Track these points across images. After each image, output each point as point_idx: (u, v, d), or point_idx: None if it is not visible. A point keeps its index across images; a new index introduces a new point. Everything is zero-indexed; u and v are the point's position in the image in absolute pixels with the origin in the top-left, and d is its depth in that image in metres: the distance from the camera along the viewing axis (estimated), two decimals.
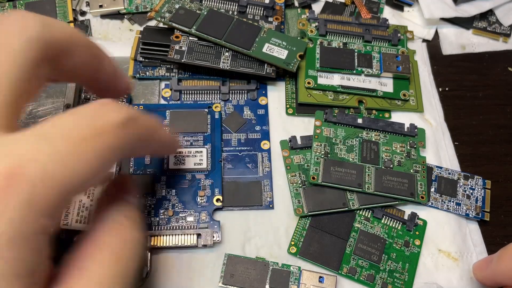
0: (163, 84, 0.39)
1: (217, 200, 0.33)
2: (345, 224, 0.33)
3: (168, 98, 0.37)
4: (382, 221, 0.33)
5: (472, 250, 0.34)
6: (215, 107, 0.37)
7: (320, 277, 0.31)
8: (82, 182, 0.19)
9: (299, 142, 0.36)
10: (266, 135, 0.36)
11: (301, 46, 0.38)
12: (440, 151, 0.37)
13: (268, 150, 0.36)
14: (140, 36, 0.39)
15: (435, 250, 0.33)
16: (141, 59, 0.38)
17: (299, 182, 0.34)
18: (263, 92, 0.38)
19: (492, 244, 0.34)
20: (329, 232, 0.33)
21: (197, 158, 0.35)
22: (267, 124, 0.37)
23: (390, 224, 0.33)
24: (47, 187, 0.17)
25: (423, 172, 0.34)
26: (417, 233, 0.33)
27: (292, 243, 0.32)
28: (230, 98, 0.38)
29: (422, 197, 0.33)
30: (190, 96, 0.38)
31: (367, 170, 0.34)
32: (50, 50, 0.21)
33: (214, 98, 0.38)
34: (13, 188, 0.16)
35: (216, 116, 0.36)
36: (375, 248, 0.32)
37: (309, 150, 0.35)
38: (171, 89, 0.38)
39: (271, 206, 0.34)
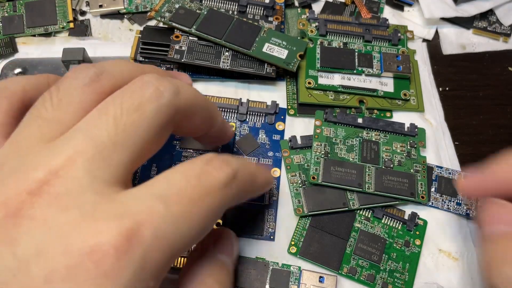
0: None
1: (217, 224, 0.32)
2: (345, 224, 0.33)
3: None
4: (383, 221, 0.33)
5: (473, 250, 0.33)
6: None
7: (320, 277, 0.31)
8: (190, 243, 0.19)
9: (299, 142, 0.36)
10: (278, 162, 0.35)
11: (301, 46, 0.38)
12: (440, 151, 0.37)
13: (278, 178, 0.35)
14: (140, 36, 0.39)
15: (436, 250, 0.33)
16: (141, 59, 0.38)
17: (299, 182, 0.34)
18: (282, 117, 0.37)
19: None
20: (329, 232, 0.33)
21: None
22: (281, 151, 0.36)
23: (391, 224, 0.33)
24: (159, 250, 0.18)
25: (424, 172, 0.34)
26: (417, 233, 0.33)
27: (292, 243, 0.32)
28: (247, 119, 0.37)
29: (423, 197, 0.33)
30: None
31: (367, 170, 0.34)
32: (177, 115, 0.22)
33: (231, 117, 0.37)
34: (130, 251, 0.17)
35: None
36: (376, 248, 0.32)
37: (309, 150, 0.35)
38: None
39: (272, 237, 0.33)
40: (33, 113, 0.20)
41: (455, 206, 0.34)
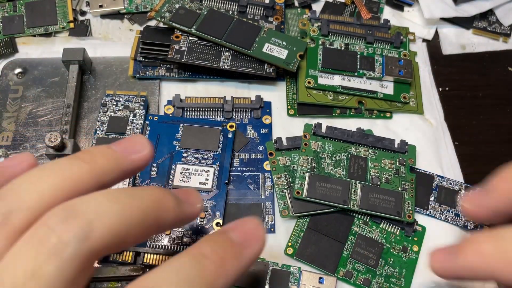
0: (163, 85, 0.39)
1: (217, 224, 0.32)
2: (343, 227, 0.33)
3: (171, 115, 0.37)
4: (381, 225, 0.33)
5: None
6: (230, 126, 0.36)
7: (320, 278, 0.31)
8: None
9: (284, 143, 0.35)
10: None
11: (301, 46, 0.38)
12: (441, 151, 0.37)
13: (271, 171, 0.35)
14: (140, 36, 0.39)
15: None
16: (141, 58, 0.38)
17: (285, 183, 0.34)
18: (267, 110, 0.38)
19: None
20: (326, 234, 0.33)
21: (203, 177, 0.34)
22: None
23: (389, 229, 0.33)
24: None
25: (412, 190, 0.33)
26: (415, 239, 0.33)
27: (290, 244, 0.32)
28: (234, 116, 0.37)
29: (409, 216, 0.32)
30: (193, 114, 0.37)
31: (353, 187, 0.33)
32: (93, 257, 0.18)
33: (217, 116, 0.37)
34: None
35: (230, 136, 0.35)
36: (373, 252, 0.32)
37: (295, 151, 0.35)
38: (173, 106, 0.37)
39: (272, 230, 0.33)
40: None
41: (453, 217, 0.34)
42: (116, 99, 0.36)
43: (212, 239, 0.20)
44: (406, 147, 0.35)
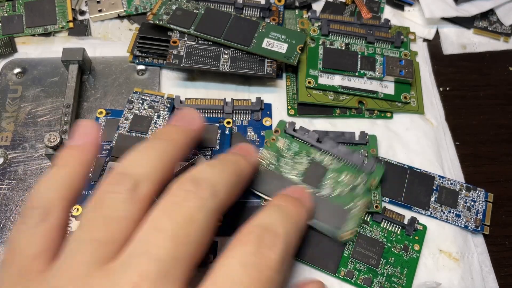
0: (163, 86, 0.39)
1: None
2: None
3: None
4: (381, 225, 0.33)
5: (473, 250, 0.33)
6: (227, 123, 0.36)
7: None
8: None
9: (295, 129, 0.35)
10: None
11: (301, 38, 0.38)
12: (441, 151, 0.37)
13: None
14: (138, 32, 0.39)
15: (436, 250, 0.33)
16: (137, 53, 0.38)
17: (268, 162, 0.33)
18: (268, 112, 0.37)
19: (493, 244, 0.34)
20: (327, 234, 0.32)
21: None
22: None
23: (390, 228, 0.33)
24: None
25: (360, 213, 0.31)
26: (416, 238, 0.33)
27: None
28: (234, 118, 0.37)
29: (341, 238, 0.31)
30: None
31: None
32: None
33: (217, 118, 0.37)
34: None
35: (227, 132, 0.35)
36: (374, 252, 0.32)
37: (297, 141, 0.34)
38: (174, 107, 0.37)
39: None
40: (81, 236, 0.20)
41: (454, 218, 0.34)
42: (143, 97, 0.36)
43: (280, 199, 0.26)
44: (367, 138, 0.35)
